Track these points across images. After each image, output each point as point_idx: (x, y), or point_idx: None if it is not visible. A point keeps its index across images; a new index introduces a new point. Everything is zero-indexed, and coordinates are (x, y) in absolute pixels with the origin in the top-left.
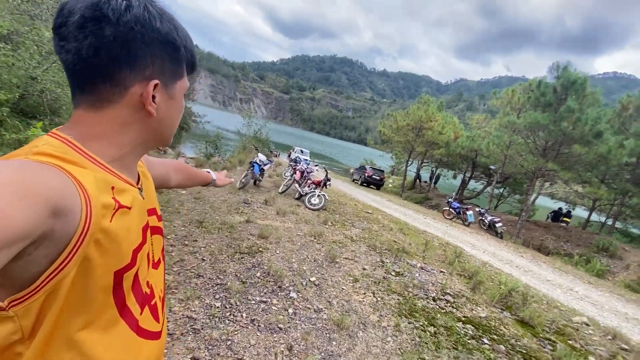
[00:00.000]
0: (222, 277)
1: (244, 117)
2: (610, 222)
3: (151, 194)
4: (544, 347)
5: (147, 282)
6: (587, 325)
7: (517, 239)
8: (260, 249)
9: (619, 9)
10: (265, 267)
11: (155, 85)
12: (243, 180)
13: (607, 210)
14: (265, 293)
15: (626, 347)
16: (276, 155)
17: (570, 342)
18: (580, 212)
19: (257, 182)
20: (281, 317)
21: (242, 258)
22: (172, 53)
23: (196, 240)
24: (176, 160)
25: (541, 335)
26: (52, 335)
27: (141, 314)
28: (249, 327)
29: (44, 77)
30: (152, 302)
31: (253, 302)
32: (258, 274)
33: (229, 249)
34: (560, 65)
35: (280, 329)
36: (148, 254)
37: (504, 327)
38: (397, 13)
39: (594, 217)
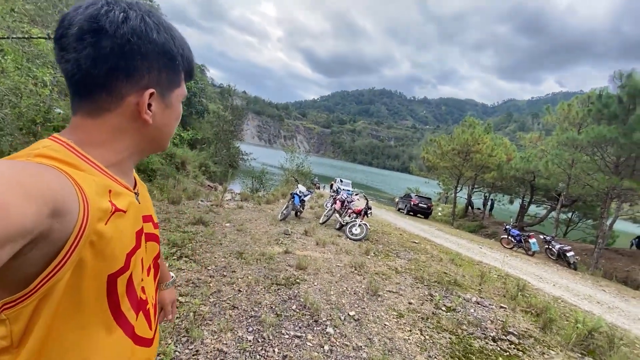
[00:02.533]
0: (256, 309)
1: (287, 152)
2: None
3: (147, 200)
4: None
5: (143, 288)
6: None
7: (596, 270)
8: (298, 280)
9: None
10: (302, 300)
11: (151, 94)
12: (284, 211)
13: None
14: (300, 327)
15: None
16: (318, 187)
17: None
18: None
19: (298, 213)
20: (315, 354)
21: (278, 289)
22: (168, 63)
23: (234, 271)
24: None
25: None
26: (47, 341)
27: (136, 319)
28: None
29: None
30: (146, 308)
31: (287, 336)
32: (294, 307)
33: (266, 280)
34: (624, 73)
35: None
36: (142, 260)
37: None
38: (433, 41)
39: None
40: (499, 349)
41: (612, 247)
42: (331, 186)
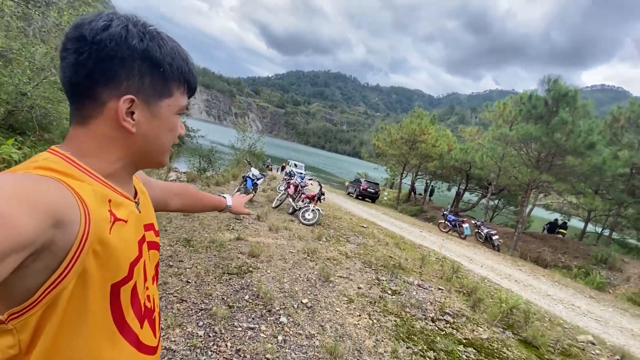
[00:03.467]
0: (207, 301)
1: (238, 131)
2: (606, 232)
3: (149, 209)
4: None
5: (149, 296)
6: (593, 344)
7: (515, 252)
8: (250, 268)
9: (605, 23)
10: (255, 289)
11: (132, 102)
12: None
13: (603, 221)
14: (253, 318)
15: None
16: (270, 169)
17: None
18: (575, 223)
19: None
20: (270, 345)
21: (230, 279)
22: (150, 69)
23: (182, 261)
24: (181, 184)
25: (546, 357)
26: (54, 350)
27: (141, 328)
28: (234, 359)
29: (34, 93)
30: (152, 317)
31: (240, 329)
32: (247, 297)
33: (217, 269)
34: (551, 79)
35: (268, 359)
36: (145, 268)
37: (507, 350)
38: (387, 29)
39: (590, 228)
40: (437, 328)
41: (528, 231)
42: (283, 168)
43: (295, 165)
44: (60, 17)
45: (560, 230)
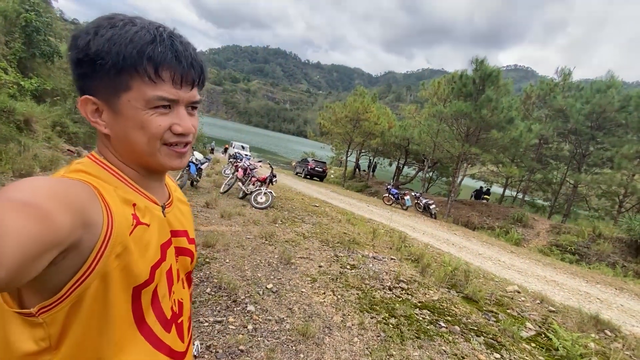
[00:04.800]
0: None
1: None
2: (520, 196)
3: (184, 217)
4: (489, 320)
5: (176, 300)
6: (519, 292)
7: (449, 218)
8: (207, 259)
9: (518, 7)
10: (216, 280)
11: (89, 101)
12: (178, 182)
13: (518, 186)
14: (219, 311)
15: (553, 308)
16: (212, 152)
17: (508, 311)
18: (496, 189)
19: (195, 183)
20: (241, 336)
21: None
22: (91, 65)
23: None
24: None
25: (484, 309)
26: (81, 347)
27: (168, 332)
28: (205, 357)
29: None
30: (179, 321)
31: (206, 324)
32: (208, 290)
33: None
34: (478, 59)
35: (242, 351)
36: (170, 272)
37: (455, 307)
38: (325, 5)
39: (508, 192)
40: (394, 296)
41: (459, 198)
42: (226, 149)
43: (243, 148)
44: None
45: (485, 196)
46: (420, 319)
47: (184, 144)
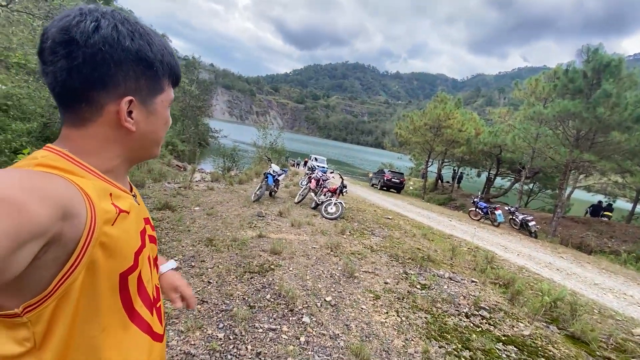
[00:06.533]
0: (228, 301)
1: (259, 129)
2: None
3: (143, 205)
4: None
5: (154, 286)
6: None
7: (554, 238)
8: (272, 266)
9: None
10: (277, 287)
11: (131, 102)
12: (257, 192)
13: None
14: (274, 319)
15: None
16: (293, 165)
17: (633, 359)
18: (622, 205)
19: (273, 193)
20: (291, 347)
21: (251, 278)
22: (145, 70)
23: (204, 261)
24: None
25: (598, 353)
26: (69, 341)
27: (152, 315)
28: None
29: None
30: (158, 305)
31: (260, 330)
32: (268, 296)
33: (238, 268)
34: (590, 48)
35: None
36: (149, 258)
37: (553, 347)
38: (405, 14)
39: (639, 209)
40: (472, 324)
41: (569, 215)
42: (305, 163)
43: (316, 160)
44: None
45: (606, 212)
46: (504, 356)
47: None
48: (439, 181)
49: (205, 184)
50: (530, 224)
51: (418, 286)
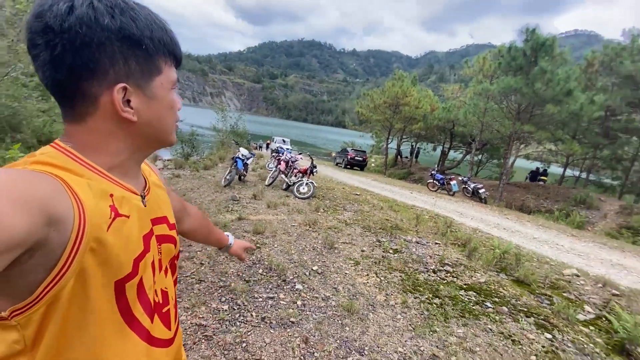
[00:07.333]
0: (224, 279)
1: (217, 112)
2: (584, 175)
3: (163, 202)
4: (542, 303)
5: (159, 290)
6: (578, 276)
7: (500, 202)
8: (258, 244)
9: None
10: (266, 263)
11: (125, 90)
12: (227, 177)
13: (580, 165)
14: (271, 289)
15: (617, 292)
16: (256, 148)
17: (564, 294)
18: (555, 170)
19: (242, 177)
20: (291, 310)
21: None
22: (132, 50)
23: (190, 245)
24: (197, 209)
25: (537, 292)
26: (61, 347)
27: (152, 322)
28: (261, 326)
29: None
30: (164, 310)
31: (260, 299)
32: (260, 271)
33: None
34: (529, 28)
35: (293, 322)
36: (153, 262)
37: (503, 289)
38: None
39: (569, 172)
40: (439, 278)
41: (512, 181)
42: (267, 145)
43: (284, 142)
44: (15, 4)
45: (542, 177)
46: (466, 299)
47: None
48: (399, 157)
49: (170, 172)
50: (480, 191)
51: (391, 251)
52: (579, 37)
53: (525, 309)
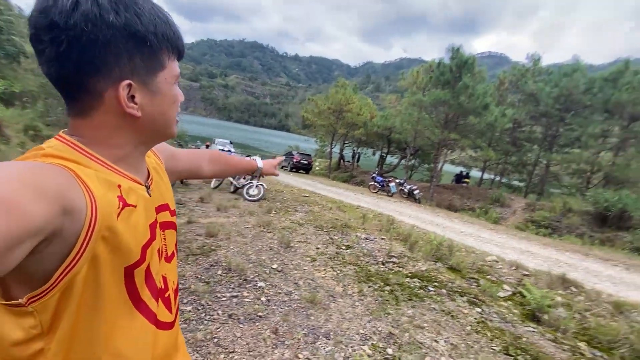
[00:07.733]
0: (182, 281)
1: None
2: (498, 178)
3: (163, 190)
4: (471, 285)
5: (162, 276)
6: (497, 262)
7: (432, 202)
8: (213, 247)
9: None
10: (224, 264)
11: (130, 86)
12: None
13: (495, 169)
14: (233, 288)
15: (527, 273)
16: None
17: (488, 277)
18: (475, 173)
19: (184, 180)
20: (257, 306)
21: (196, 259)
22: (137, 46)
23: None
24: (210, 151)
25: (467, 276)
26: (75, 331)
27: (157, 306)
28: (230, 322)
29: None
30: (166, 295)
31: (224, 298)
32: (219, 272)
33: (179, 252)
34: (455, 47)
35: (260, 316)
36: (159, 249)
37: (441, 275)
38: None
39: (486, 175)
40: (387, 269)
41: (441, 183)
42: (207, 147)
43: (231, 143)
44: None
45: (465, 180)
46: (412, 285)
47: None
48: (342, 161)
49: None
50: (415, 192)
51: (343, 247)
52: (492, 57)
53: (459, 290)
